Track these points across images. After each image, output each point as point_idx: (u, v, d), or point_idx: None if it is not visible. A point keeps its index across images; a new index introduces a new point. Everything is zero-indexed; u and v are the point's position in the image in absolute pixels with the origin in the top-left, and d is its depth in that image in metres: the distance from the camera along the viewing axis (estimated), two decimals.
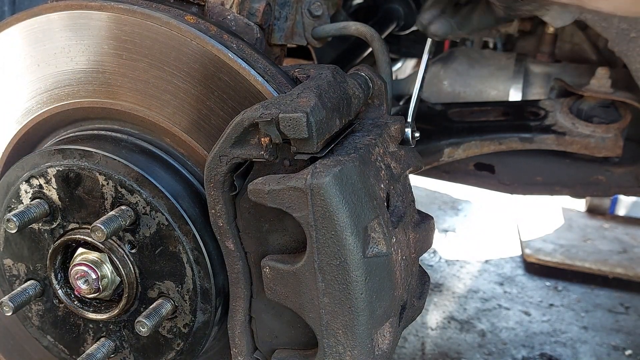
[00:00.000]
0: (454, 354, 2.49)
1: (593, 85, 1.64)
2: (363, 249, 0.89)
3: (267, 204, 0.90)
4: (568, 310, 2.82)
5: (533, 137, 1.64)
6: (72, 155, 1.05)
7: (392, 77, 1.28)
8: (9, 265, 1.14)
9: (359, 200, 0.89)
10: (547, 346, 2.56)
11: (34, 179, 1.07)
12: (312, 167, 0.88)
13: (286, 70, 1.04)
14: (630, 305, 2.86)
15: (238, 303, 1.02)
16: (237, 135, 0.91)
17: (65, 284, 1.10)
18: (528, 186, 1.83)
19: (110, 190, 1.02)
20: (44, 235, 1.09)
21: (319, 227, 0.87)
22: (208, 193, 0.96)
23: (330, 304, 0.91)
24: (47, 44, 1.09)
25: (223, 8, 1.13)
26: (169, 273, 1.03)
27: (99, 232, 0.96)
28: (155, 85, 1.03)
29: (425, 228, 1.08)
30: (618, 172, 1.74)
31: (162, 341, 1.08)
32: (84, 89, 1.08)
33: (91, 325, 1.11)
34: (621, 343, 2.59)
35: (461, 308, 2.81)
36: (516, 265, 3.20)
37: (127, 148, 1.06)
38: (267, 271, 0.95)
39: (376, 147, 0.99)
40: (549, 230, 3.39)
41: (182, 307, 1.04)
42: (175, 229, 1.01)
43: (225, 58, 0.99)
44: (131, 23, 1.02)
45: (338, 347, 0.93)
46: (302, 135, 0.87)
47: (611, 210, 3.51)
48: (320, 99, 0.90)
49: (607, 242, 3.27)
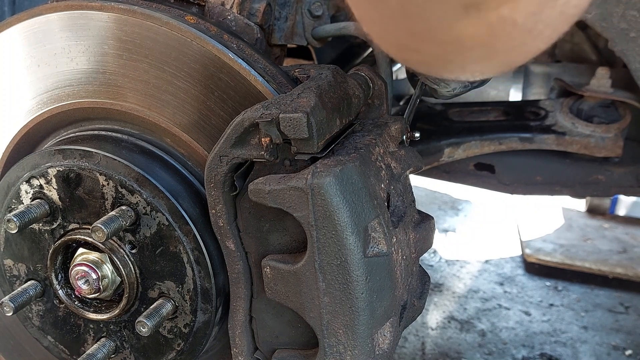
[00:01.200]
0: (454, 353, 2.49)
1: (593, 85, 1.65)
2: (363, 249, 0.89)
3: (267, 203, 0.90)
4: (568, 310, 2.82)
5: (533, 137, 1.65)
6: (72, 155, 1.05)
7: (392, 77, 1.28)
8: (10, 266, 1.14)
9: (360, 200, 0.89)
10: (547, 346, 2.56)
11: (34, 179, 1.07)
12: (312, 167, 0.88)
13: (286, 71, 1.04)
14: (630, 305, 2.86)
15: (238, 303, 1.02)
16: (237, 135, 0.91)
17: (66, 284, 1.10)
18: (528, 186, 1.83)
19: (110, 190, 1.02)
20: (44, 236, 1.09)
21: (320, 227, 0.87)
22: (208, 193, 0.96)
23: (330, 304, 0.91)
24: (47, 44, 1.09)
25: (223, 8, 1.13)
26: (169, 273, 1.03)
27: (100, 233, 0.96)
28: (155, 86, 1.03)
29: (425, 228, 1.08)
30: (618, 172, 1.74)
31: (162, 341, 1.08)
32: (85, 89, 1.08)
33: (92, 326, 1.11)
34: (621, 343, 2.59)
35: (461, 308, 2.81)
36: (516, 265, 3.20)
37: (127, 148, 1.06)
38: (268, 271, 0.95)
39: (376, 147, 0.99)
40: (549, 230, 3.39)
41: (182, 307, 1.05)
42: (176, 229, 1.01)
43: (225, 58, 0.99)
44: (132, 23, 1.02)
45: (339, 346, 0.93)
46: (303, 136, 0.87)
47: (611, 210, 3.51)
48: (321, 99, 0.90)
49: (607, 242, 3.27)
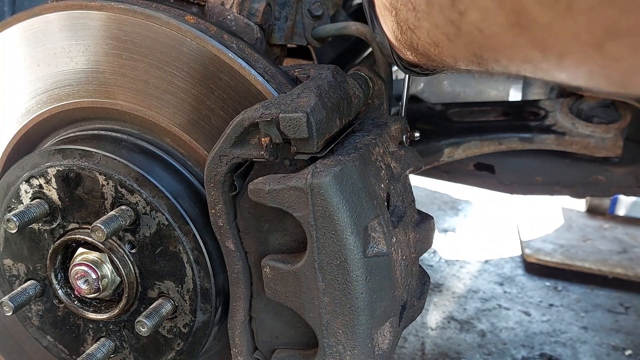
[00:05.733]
0: (453, 354, 2.49)
1: None
2: (363, 249, 0.89)
3: (267, 203, 0.90)
4: (568, 310, 2.82)
5: (533, 137, 1.65)
6: (72, 155, 1.05)
7: (392, 77, 1.28)
8: (9, 266, 1.14)
9: (359, 199, 0.89)
10: (547, 346, 2.56)
11: (34, 179, 1.07)
12: (312, 167, 0.88)
13: (286, 70, 1.04)
14: (630, 305, 2.86)
15: (238, 303, 1.02)
16: (237, 135, 0.91)
17: (65, 284, 1.10)
18: (528, 186, 1.83)
19: (110, 190, 1.02)
20: (44, 235, 1.09)
21: (319, 227, 0.87)
22: (208, 193, 0.96)
23: (330, 304, 0.91)
24: (47, 44, 1.09)
25: (223, 8, 1.13)
26: (169, 273, 1.03)
27: (99, 232, 0.96)
28: (155, 85, 1.03)
29: (425, 228, 1.08)
30: (618, 172, 1.74)
31: (162, 341, 1.08)
32: (84, 89, 1.08)
33: (91, 325, 1.11)
34: (621, 343, 2.59)
35: (461, 308, 2.81)
36: (516, 265, 3.20)
37: (127, 148, 1.06)
38: (268, 271, 0.95)
39: (376, 146, 0.99)
40: (549, 230, 3.39)
41: (182, 307, 1.04)
42: (176, 229, 1.01)
43: (225, 58, 0.99)
44: (131, 23, 1.02)
45: (338, 346, 0.93)
46: (303, 135, 0.87)
47: (611, 210, 3.51)
48: (321, 99, 0.90)
49: (607, 242, 3.27)
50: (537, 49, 0.52)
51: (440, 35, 0.68)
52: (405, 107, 1.31)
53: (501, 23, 0.53)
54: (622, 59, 0.45)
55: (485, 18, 0.56)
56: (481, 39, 0.59)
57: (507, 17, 0.52)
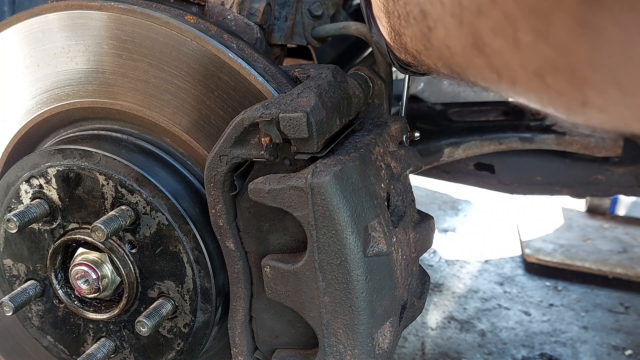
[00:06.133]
0: (454, 353, 2.49)
1: None
2: (363, 248, 0.89)
3: (267, 203, 0.90)
4: (568, 310, 2.82)
5: (533, 137, 1.65)
6: (72, 155, 1.05)
7: (392, 77, 1.28)
8: (9, 266, 1.14)
9: (360, 199, 0.89)
10: (547, 346, 2.56)
11: (34, 179, 1.07)
12: (312, 167, 0.88)
13: (286, 70, 1.04)
14: (630, 305, 2.86)
15: (238, 303, 1.02)
16: (237, 135, 0.91)
17: (66, 284, 1.10)
18: (528, 186, 1.83)
19: (110, 190, 1.02)
20: (44, 236, 1.09)
21: (320, 227, 0.87)
22: (208, 193, 0.96)
23: (330, 303, 0.91)
24: (47, 44, 1.09)
25: (223, 8, 1.13)
26: (169, 273, 1.03)
27: (99, 232, 0.96)
28: (155, 85, 1.03)
29: (425, 228, 1.08)
30: (618, 172, 1.74)
31: (162, 341, 1.08)
32: (84, 89, 1.08)
33: (91, 325, 1.11)
34: (621, 343, 2.59)
35: (461, 308, 2.81)
36: (516, 265, 3.20)
37: (127, 148, 1.06)
38: (268, 270, 0.95)
39: (376, 146, 0.99)
40: (549, 230, 3.39)
41: (182, 307, 1.04)
42: (176, 229, 1.01)
43: (225, 58, 0.99)
44: (131, 23, 1.02)
45: (339, 346, 0.93)
46: (303, 135, 0.87)
47: (611, 210, 3.51)
48: (321, 99, 0.90)
49: (607, 242, 3.27)
50: (493, 72, 0.54)
51: (419, 44, 0.71)
52: (405, 107, 1.31)
53: (462, 43, 0.55)
54: (563, 93, 0.47)
55: (449, 36, 0.58)
56: (448, 55, 0.62)
57: (466, 38, 0.54)
